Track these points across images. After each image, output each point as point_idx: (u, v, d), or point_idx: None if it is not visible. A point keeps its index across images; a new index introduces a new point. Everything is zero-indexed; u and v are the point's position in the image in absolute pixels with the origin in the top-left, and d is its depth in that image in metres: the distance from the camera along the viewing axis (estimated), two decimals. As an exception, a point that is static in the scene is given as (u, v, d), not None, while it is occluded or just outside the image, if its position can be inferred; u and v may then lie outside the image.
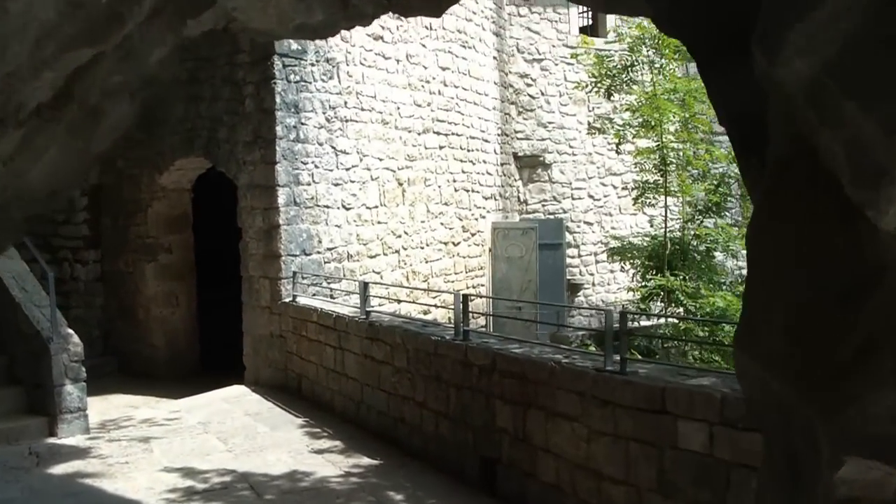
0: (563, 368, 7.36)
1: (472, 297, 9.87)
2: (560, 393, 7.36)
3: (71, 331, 10.66)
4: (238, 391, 13.08)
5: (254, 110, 13.17)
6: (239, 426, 11.09)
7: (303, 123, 13.27)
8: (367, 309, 11.05)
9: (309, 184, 13.37)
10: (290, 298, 12.94)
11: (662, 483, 6.39)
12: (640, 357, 10.85)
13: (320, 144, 13.60)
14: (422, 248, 16.55)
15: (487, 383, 8.39)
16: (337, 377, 11.62)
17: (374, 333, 10.60)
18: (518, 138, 21.87)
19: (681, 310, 16.72)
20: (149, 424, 11.38)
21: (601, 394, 6.89)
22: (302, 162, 13.25)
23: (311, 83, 13.41)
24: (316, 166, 13.50)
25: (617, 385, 6.74)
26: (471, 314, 9.52)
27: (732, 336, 12.10)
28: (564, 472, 7.38)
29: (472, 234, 18.80)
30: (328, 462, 9.40)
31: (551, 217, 22.02)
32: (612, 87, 17.63)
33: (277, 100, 12.90)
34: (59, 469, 9.21)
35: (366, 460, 9.49)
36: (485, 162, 19.45)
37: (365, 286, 11.20)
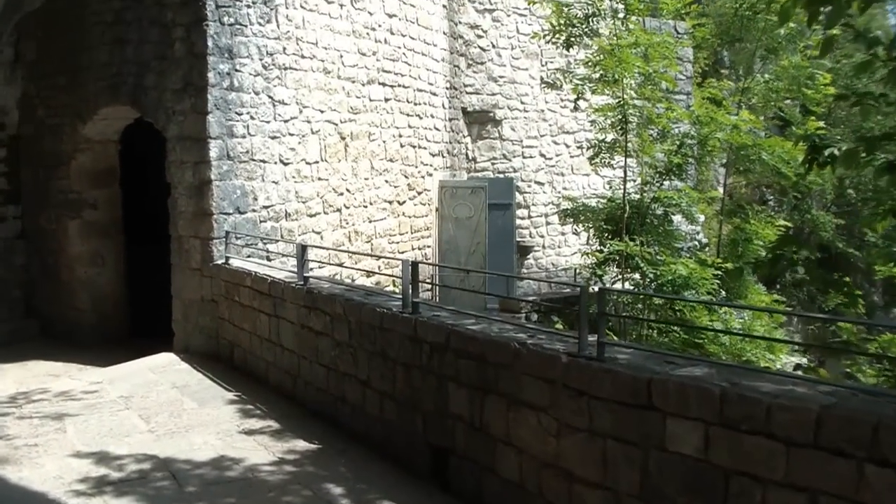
0: (528, 351, 6.39)
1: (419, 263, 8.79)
2: (525, 379, 6.40)
3: (-26, 297, 9.60)
4: (166, 360, 12.08)
5: (184, 55, 12.13)
6: (164, 401, 10.09)
7: (237, 70, 12.22)
8: (305, 274, 10.00)
9: (244, 136, 12.35)
10: (223, 260, 11.95)
11: (647, 489, 5.48)
12: (615, 338, 9.88)
13: (256, 94, 12.57)
14: (365, 206, 15.59)
15: (440, 363, 7.41)
16: (272, 347, 10.65)
17: (312, 301, 9.59)
18: (467, 92, 20.92)
19: (636, 275, 15.96)
20: (65, 398, 10.33)
21: (575, 383, 5.94)
22: (236, 112, 12.22)
23: (246, 26, 12.35)
24: (252, 117, 12.48)
25: (594, 374, 5.79)
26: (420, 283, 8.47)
27: (693, 312, 11.26)
28: (529, 469, 6.44)
29: (419, 193, 17.86)
30: (260, 446, 8.43)
31: (501, 176, 21.19)
32: (572, 38, 16.60)
33: (209, 43, 11.87)
34: (-44, 453, 8.17)
35: (302, 444, 8.51)
36: (432, 116, 18.49)
37: (303, 249, 10.12)
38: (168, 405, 9.90)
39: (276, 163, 12.96)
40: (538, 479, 6.35)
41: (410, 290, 7.98)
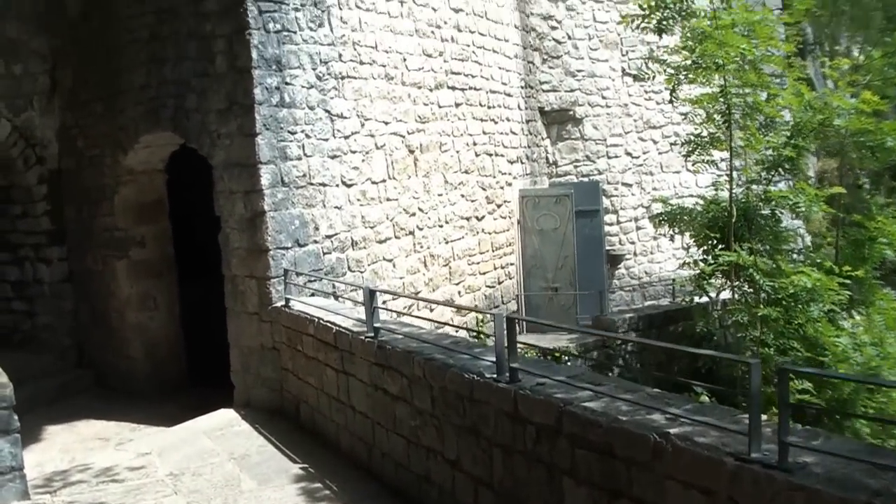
0: (675, 448, 4.71)
1: (517, 317, 7.03)
2: (672, 485, 4.73)
3: (-4, 367, 8.19)
4: (224, 419, 10.65)
5: (226, 70, 10.73)
6: (219, 480, 8.62)
7: (288, 83, 10.79)
8: (376, 324, 8.36)
9: (299, 158, 10.94)
10: (283, 302, 10.48)
11: None
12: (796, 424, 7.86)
13: (311, 108, 11.14)
14: (440, 226, 14.16)
15: (550, 451, 5.74)
16: (342, 408, 9.10)
17: (385, 359, 7.99)
18: (544, 90, 19.44)
19: (745, 286, 14.28)
20: (107, 478, 8.91)
21: (748, 500, 4.26)
22: (289, 131, 10.80)
23: (295, 33, 10.93)
24: (307, 136, 11.07)
25: (778, 489, 4.07)
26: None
27: (815, 324, 9.17)
28: None
29: (498, 206, 16.36)
30: (331, 549, 6.88)
31: (585, 180, 19.62)
32: (664, 21, 14.76)
33: (254, 55, 10.44)
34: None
35: (383, 544, 6.95)
36: (508, 120, 17.04)
37: (371, 294, 8.46)
38: (223, 486, 8.42)
39: (337, 185, 11.57)
40: None
41: (507, 353, 6.31)
